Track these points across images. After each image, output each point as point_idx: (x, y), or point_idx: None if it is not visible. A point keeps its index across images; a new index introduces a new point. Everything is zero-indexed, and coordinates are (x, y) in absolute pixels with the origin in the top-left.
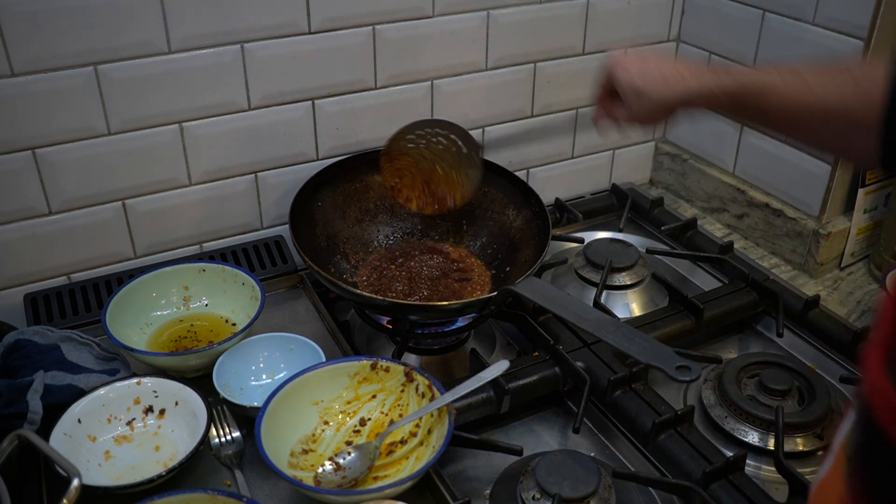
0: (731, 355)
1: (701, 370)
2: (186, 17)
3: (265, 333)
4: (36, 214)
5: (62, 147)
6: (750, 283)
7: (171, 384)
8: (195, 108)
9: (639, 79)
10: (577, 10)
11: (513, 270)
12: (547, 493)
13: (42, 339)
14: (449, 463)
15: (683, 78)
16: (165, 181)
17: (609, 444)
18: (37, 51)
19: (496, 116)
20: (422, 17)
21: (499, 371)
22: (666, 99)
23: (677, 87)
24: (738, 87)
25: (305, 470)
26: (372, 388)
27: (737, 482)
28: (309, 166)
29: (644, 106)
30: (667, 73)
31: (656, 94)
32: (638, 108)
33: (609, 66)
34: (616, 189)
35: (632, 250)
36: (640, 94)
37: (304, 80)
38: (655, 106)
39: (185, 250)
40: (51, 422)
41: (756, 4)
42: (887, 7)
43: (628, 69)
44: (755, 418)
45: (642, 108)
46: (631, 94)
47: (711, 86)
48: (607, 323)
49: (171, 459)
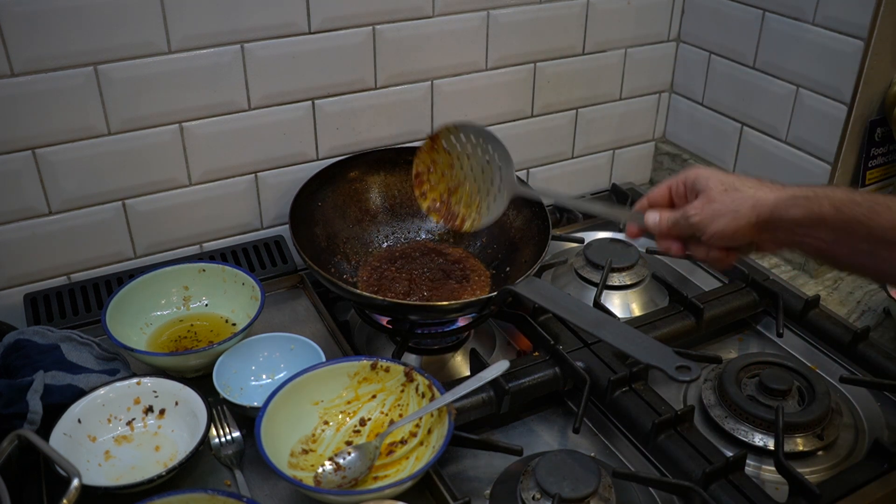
0: (731, 355)
1: (701, 370)
2: (186, 17)
3: (265, 333)
4: (36, 214)
5: (62, 147)
6: (750, 283)
7: (171, 384)
8: (195, 108)
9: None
10: (577, 10)
11: (513, 270)
12: (547, 493)
13: (42, 339)
14: (449, 463)
15: (782, 186)
16: (165, 181)
17: (609, 444)
18: (37, 51)
19: (496, 116)
20: (422, 17)
21: (499, 371)
22: (760, 198)
23: (774, 190)
24: (846, 196)
25: (305, 470)
26: (372, 388)
27: (737, 482)
28: (309, 166)
29: (731, 199)
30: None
31: (750, 191)
32: (723, 201)
33: (691, 171)
34: (616, 189)
35: (632, 250)
36: (731, 188)
37: (304, 80)
38: (744, 202)
39: (185, 250)
40: (51, 422)
41: (756, 4)
42: (887, 7)
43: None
44: (755, 418)
45: (728, 202)
46: (719, 186)
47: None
48: (607, 323)
49: (171, 459)
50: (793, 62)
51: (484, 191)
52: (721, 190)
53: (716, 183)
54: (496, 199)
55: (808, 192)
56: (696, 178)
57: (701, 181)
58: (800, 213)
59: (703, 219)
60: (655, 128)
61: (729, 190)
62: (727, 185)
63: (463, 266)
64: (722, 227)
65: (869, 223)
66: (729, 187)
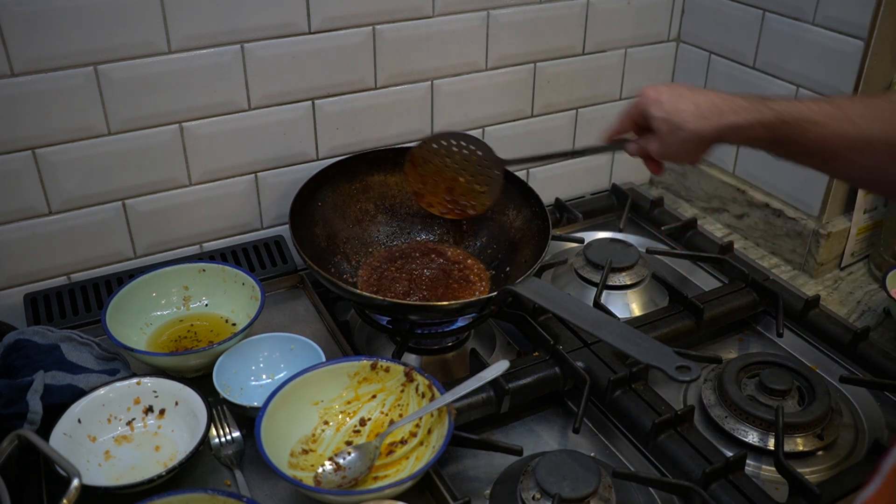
0: (731, 355)
1: (701, 370)
2: (186, 17)
3: (265, 333)
4: (36, 214)
5: (62, 147)
6: (750, 283)
7: (171, 384)
8: (195, 108)
9: (674, 113)
10: (577, 10)
11: (513, 270)
12: (547, 493)
13: (42, 339)
14: (449, 463)
15: (720, 111)
16: (165, 181)
17: (609, 444)
18: (37, 51)
19: (496, 116)
20: (422, 17)
21: (499, 371)
22: (702, 132)
23: (713, 121)
24: (776, 118)
25: (305, 470)
26: (372, 388)
27: (737, 482)
28: (309, 166)
29: (679, 139)
30: (703, 107)
31: (692, 127)
32: (673, 142)
33: (641, 101)
34: (616, 189)
35: (632, 250)
36: (675, 128)
37: (304, 80)
38: (691, 139)
39: (185, 250)
40: (51, 422)
41: (756, 4)
42: (887, 7)
43: (661, 104)
44: (755, 418)
45: (677, 142)
46: (665, 128)
47: (749, 118)
48: (607, 323)
49: (171, 459)
50: (793, 62)
51: (476, 174)
52: (667, 131)
53: (661, 124)
54: (490, 177)
55: (742, 119)
56: (645, 114)
57: (651, 120)
58: (738, 140)
59: (664, 156)
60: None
61: (674, 130)
62: (670, 125)
63: (463, 266)
64: (680, 160)
65: (800, 140)
66: (673, 127)
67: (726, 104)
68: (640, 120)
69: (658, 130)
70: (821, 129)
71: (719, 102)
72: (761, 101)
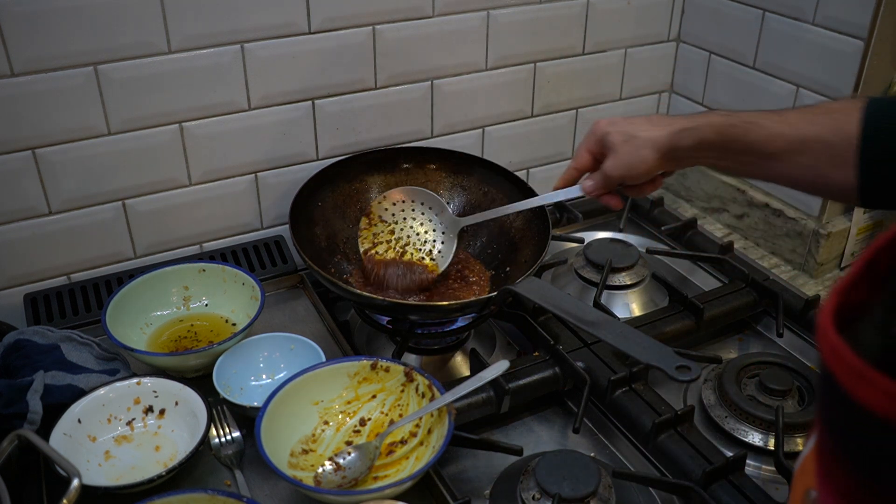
0: (731, 355)
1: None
2: (186, 17)
3: (265, 333)
4: (36, 214)
5: (62, 147)
6: (750, 283)
7: (171, 384)
8: (195, 108)
9: (627, 125)
10: (577, 10)
11: (513, 270)
12: (547, 493)
13: (42, 339)
14: (449, 463)
15: (672, 120)
16: (165, 181)
17: (609, 444)
18: (37, 51)
19: (496, 116)
20: (422, 17)
21: (499, 371)
22: (654, 137)
23: (665, 127)
24: (724, 120)
25: (305, 470)
26: (372, 388)
27: (737, 482)
28: (309, 166)
29: (633, 147)
30: (655, 120)
31: (646, 135)
32: (627, 150)
33: (596, 129)
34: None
35: (632, 250)
36: (629, 137)
37: (304, 80)
38: (645, 145)
39: (185, 250)
40: (51, 422)
41: (756, 4)
42: (887, 7)
43: (615, 123)
44: (755, 418)
45: (631, 150)
46: (620, 139)
47: (700, 121)
48: (607, 323)
49: (171, 459)
50: (793, 62)
51: (430, 239)
52: (622, 141)
53: (616, 137)
54: (445, 241)
55: (692, 123)
56: (601, 138)
57: (606, 139)
58: (689, 142)
59: (620, 171)
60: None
61: (628, 139)
62: (625, 135)
63: (463, 266)
64: (637, 171)
65: (745, 139)
66: (627, 137)
67: (677, 116)
68: (596, 147)
69: (612, 144)
70: (762, 130)
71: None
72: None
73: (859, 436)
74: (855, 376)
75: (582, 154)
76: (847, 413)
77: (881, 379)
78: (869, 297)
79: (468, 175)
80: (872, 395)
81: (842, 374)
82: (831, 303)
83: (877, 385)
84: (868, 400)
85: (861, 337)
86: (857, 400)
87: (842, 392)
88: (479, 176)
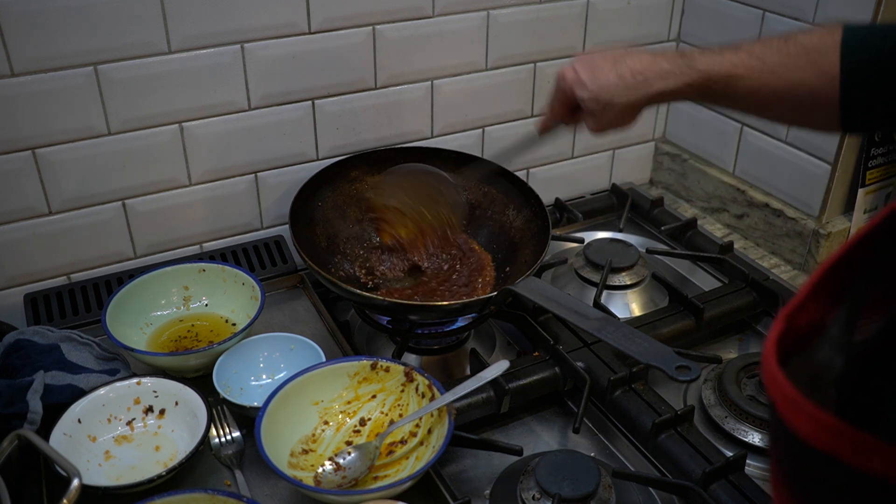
0: (731, 355)
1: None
2: (186, 17)
3: (265, 333)
4: (36, 214)
5: (62, 147)
6: (750, 283)
7: (171, 384)
8: (195, 108)
9: (600, 91)
10: (577, 10)
11: (513, 270)
12: (547, 493)
13: (42, 339)
14: (449, 463)
15: (646, 79)
16: (165, 181)
17: (609, 444)
18: (37, 51)
19: (496, 116)
20: (422, 17)
21: (499, 371)
22: (632, 103)
23: (642, 91)
24: (703, 79)
25: (305, 470)
26: (372, 388)
27: (737, 482)
28: (309, 166)
29: (612, 114)
30: (627, 78)
31: (622, 101)
32: (607, 117)
33: (564, 84)
34: (616, 189)
35: (632, 250)
36: (606, 105)
37: (304, 80)
38: (624, 111)
39: (185, 250)
40: (51, 422)
41: (756, 4)
42: (887, 7)
43: (584, 84)
44: (755, 418)
45: (611, 117)
46: (596, 106)
47: (678, 82)
48: (607, 323)
49: (171, 459)
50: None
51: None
52: (599, 109)
53: (591, 105)
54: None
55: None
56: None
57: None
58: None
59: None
60: (655, 128)
61: (606, 107)
62: (601, 103)
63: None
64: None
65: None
66: (603, 105)
67: (650, 70)
68: (569, 102)
69: (589, 110)
70: (746, 82)
71: (642, 69)
72: (685, 61)
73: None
74: (788, 402)
75: (556, 107)
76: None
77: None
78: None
79: None
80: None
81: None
82: (776, 330)
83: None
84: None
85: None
86: (789, 425)
87: (778, 417)
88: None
